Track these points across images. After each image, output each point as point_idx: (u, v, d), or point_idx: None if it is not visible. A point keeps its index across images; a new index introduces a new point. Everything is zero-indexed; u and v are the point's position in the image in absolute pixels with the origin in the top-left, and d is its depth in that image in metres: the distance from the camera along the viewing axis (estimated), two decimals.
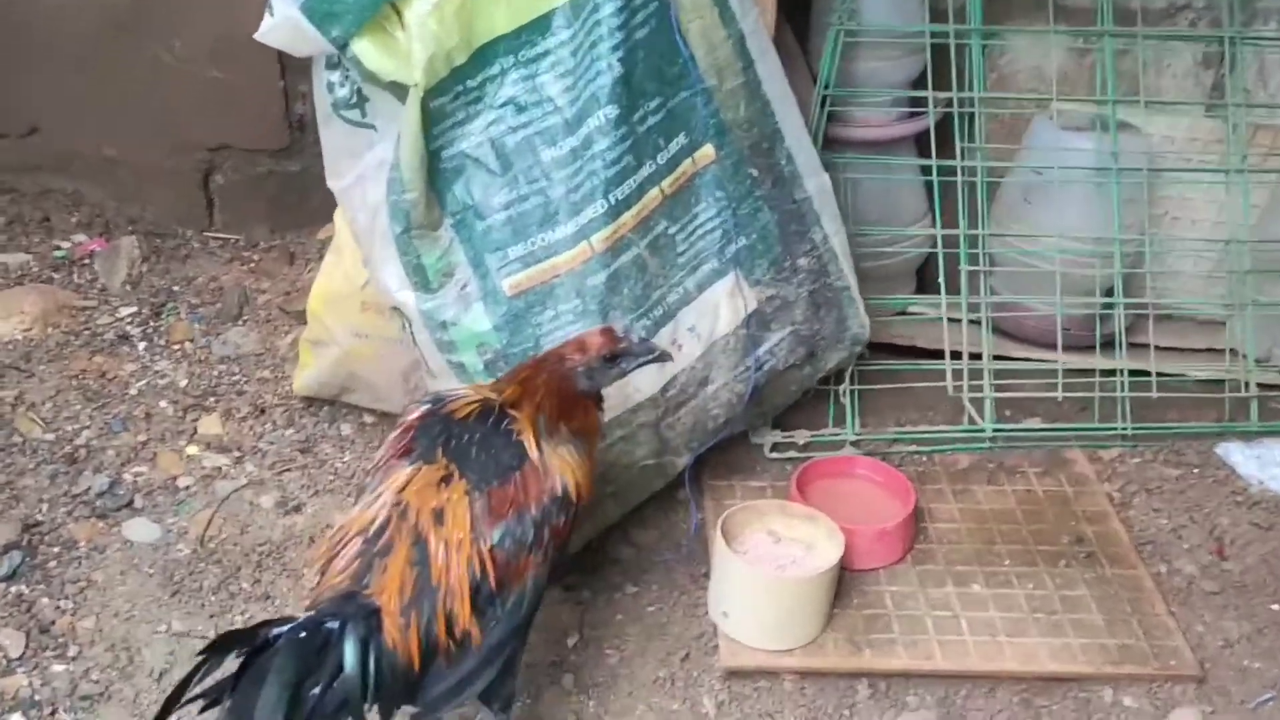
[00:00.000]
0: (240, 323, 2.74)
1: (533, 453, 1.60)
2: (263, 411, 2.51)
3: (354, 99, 1.84)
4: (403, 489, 1.57)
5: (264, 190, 3.05)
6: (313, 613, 1.47)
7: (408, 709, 1.56)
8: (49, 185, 3.04)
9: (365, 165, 1.90)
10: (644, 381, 2.00)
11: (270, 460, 2.39)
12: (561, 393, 1.63)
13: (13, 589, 2.07)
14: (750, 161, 2.04)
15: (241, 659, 1.39)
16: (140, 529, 2.21)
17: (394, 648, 1.47)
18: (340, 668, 1.42)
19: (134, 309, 2.76)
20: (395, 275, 1.90)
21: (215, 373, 2.60)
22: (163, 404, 2.50)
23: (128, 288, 2.82)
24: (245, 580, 2.12)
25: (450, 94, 1.82)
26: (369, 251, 1.95)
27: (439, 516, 1.54)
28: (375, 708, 1.49)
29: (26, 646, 1.97)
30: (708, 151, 2.00)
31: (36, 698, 1.89)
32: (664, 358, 1.70)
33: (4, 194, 3.03)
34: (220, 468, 2.36)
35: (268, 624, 1.43)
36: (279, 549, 2.19)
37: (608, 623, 2.09)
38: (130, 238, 2.92)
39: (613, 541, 2.23)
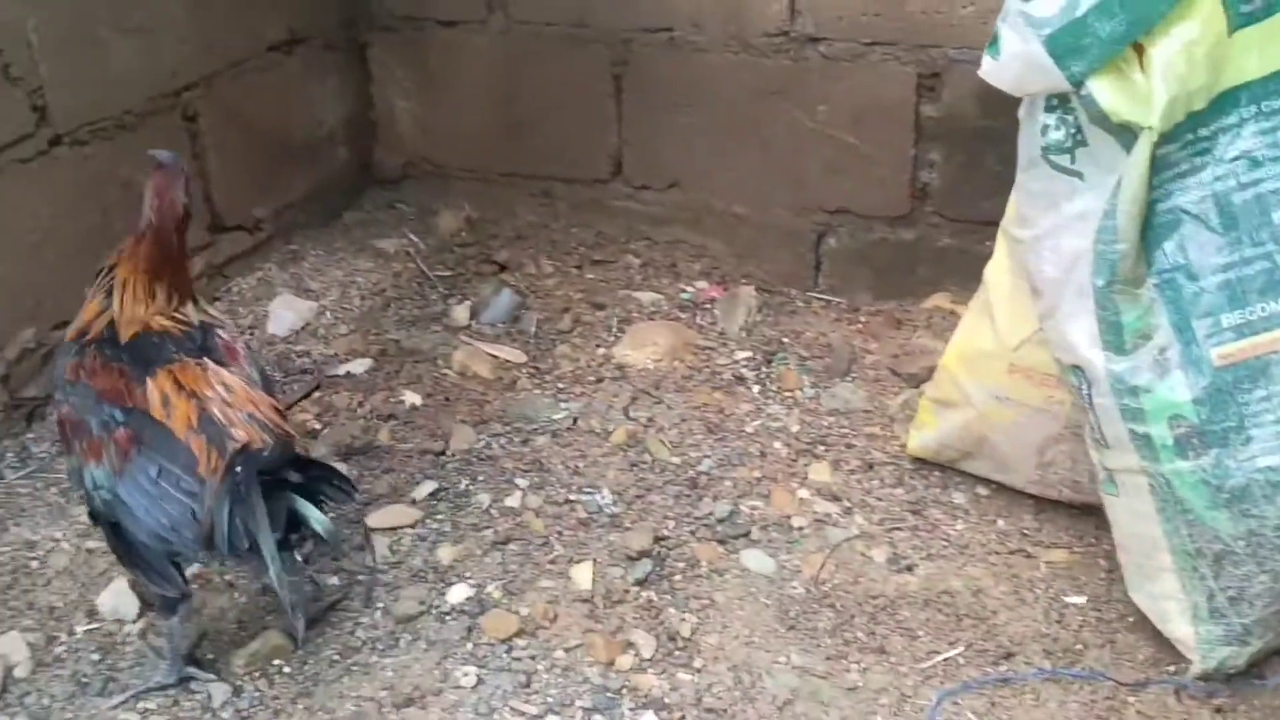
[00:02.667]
0: (849, 379, 2.77)
1: None
2: (870, 467, 2.49)
3: (1068, 143, 1.77)
4: None
5: (873, 257, 3.09)
6: None
7: None
8: (679, 237, 3.29)
9: (1062, 215, 1.82)
10: None
11: (879, 516, 2.35)
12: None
13: (644, 594, 2.17)
14: None
15: None
16: (756, 559, 2.25)
17: None
18: None
19: (748, 354, 2.87)
20: (1085, 332, 1.79)
21: (824, 423, 2.63)
22: (776, 445, 2.56)
23: (743, 334, 2.95)
24: (860, 630, 2.08)
25: (1180, 141, 1.70)
26: (1054, 305, 1.86)
27: None
28: None
29: (657, 650, 2.05)
30: None
31: (666, 700, 1.95)
32: None
33: (640, 240, 3.32)
34: (830, 515, 2.36)
35: None
36: (892, 605, 2.13)
37: None
38: (748, 288, 3.07)
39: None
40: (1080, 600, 2.12)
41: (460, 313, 3.03)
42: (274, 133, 3.28)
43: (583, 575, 2.22)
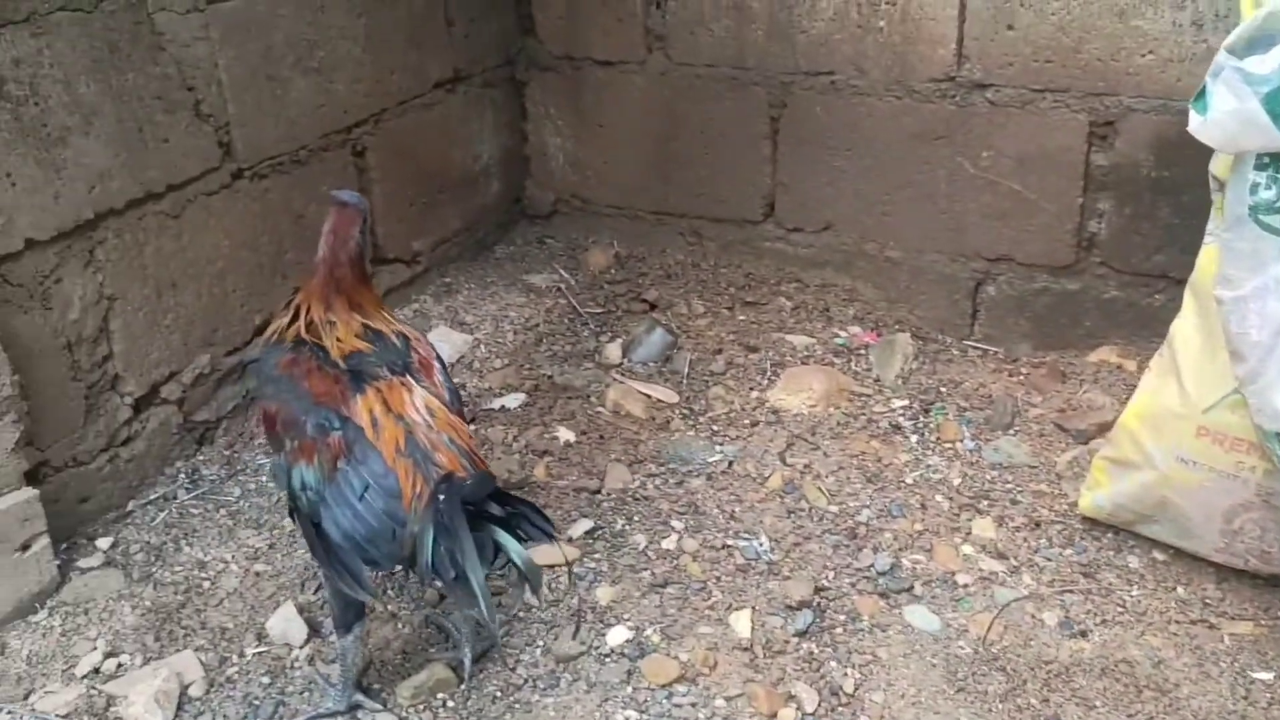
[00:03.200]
0: (1011, 433, 2.70)
1: None
2: (1037, 525, 2.41)
3: (1279, 202, 1.70)
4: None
5: (1033, 306, 3.02)
6: None
7: None
8: (830, 280, 3.26)
9: (1270, 276, 1.75)
10: None
11: (1048, 577, 2.28)
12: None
13: (804, 645, 2.14)
14: None
15: None
16: (921, 616, 2.20)
17: None
18: None
19: (905, 402, 2.82)
20: None
21: (987, 477, 2.56)
22: (937, 498, 2.50)
23: (899, 381, 2.90)
24: (1033, 696, 2.01)
25: None
26: (1258, 370, 1.78)
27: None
28: None
29: (819, 704, 2.02)
30: None
31: None
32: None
33: (791, 283, 3.30)
34: (996, 573, 2.30)
35: None
36: (1066, 671, 2.05)
37: None
38: (904, 335, 3.03)
39: None
40: (1268, 676, 2.02)
41: (613, 350, 3.05)
42: (433, 167, 3.35)
43: (742, 623, 2.19)
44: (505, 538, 1.73)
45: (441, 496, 1.75)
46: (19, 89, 2.20)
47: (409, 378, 1.92)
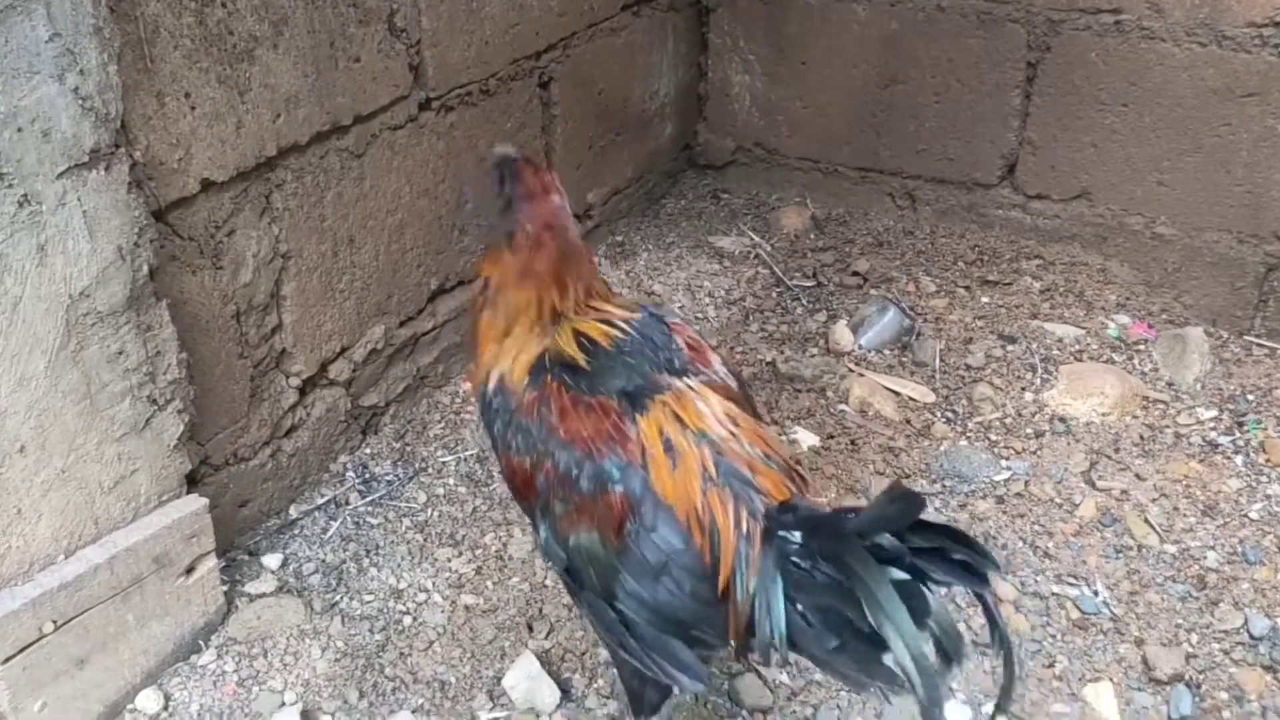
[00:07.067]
0: None
1: None
2: None
3: None
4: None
5: None
6: None
7: None
8: (1077, 258, 2.78)
9: None
10: None
11: None
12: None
13: None
14: None
15: None
16: None
17: None
18: None
19: (1213, 413, 2.36)
20: None
21: None
22: None
23: (1197, 386, 2.43)
24: None
25: None
26: None
27: None
28: None
29: None
30: None
31: None
32: None
33: (1032, 259, 2.81)
34: None
35: None
36: None
37: None
38: (1198, 330, 2.55)
39: None
40: None
41: (842, 334, 2.56)
42: (614, 105, 2.84)
43: (1104, 701, 1.75)
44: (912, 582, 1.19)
45: (790, 535, 1.26)
46: None
47: (690, 378, 1.42)
